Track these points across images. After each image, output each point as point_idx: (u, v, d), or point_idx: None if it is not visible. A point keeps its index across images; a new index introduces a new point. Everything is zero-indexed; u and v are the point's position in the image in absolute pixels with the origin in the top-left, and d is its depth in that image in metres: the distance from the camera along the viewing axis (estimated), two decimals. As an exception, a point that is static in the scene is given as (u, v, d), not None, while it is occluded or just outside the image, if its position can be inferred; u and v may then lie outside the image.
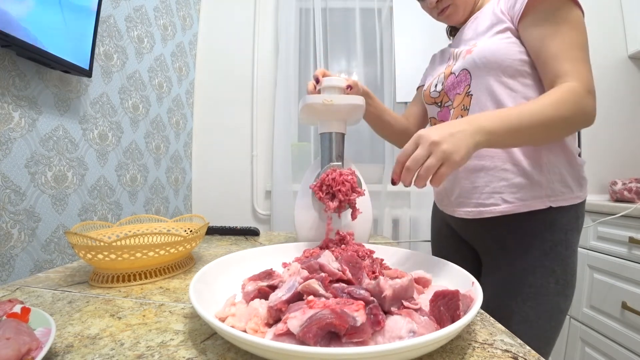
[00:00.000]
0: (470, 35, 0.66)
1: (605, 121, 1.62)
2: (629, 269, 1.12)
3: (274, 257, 0.56)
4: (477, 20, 0.65)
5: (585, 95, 0.51)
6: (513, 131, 0.48)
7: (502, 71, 0.58)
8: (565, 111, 0.50)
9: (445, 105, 0.70)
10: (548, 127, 0.50)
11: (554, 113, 0.49)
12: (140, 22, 1.32)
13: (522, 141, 0.53)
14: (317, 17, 1.75)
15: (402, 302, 0.35)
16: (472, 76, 0.62)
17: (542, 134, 0.52)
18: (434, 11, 0.71)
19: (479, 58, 0.60)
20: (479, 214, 0.64)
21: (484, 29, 0.62)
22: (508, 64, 0.58)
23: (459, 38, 0.69)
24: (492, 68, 0.59)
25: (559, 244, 0.59)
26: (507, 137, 0.49)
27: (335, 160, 0.66)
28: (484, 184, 0.63)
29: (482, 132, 0.46)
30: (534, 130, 0.50)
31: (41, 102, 0.89)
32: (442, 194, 0.74)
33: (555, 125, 0.51)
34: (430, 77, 0.78)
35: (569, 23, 0.53)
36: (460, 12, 0.68)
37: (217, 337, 0.36)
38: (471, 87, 0.62)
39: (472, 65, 0.61)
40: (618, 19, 1.63)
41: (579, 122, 0.53)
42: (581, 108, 0.51)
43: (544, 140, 0.55)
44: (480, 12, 0.65)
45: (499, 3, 0.61)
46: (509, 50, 0.58)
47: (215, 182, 1.80)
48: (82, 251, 0.51)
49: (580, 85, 0.51)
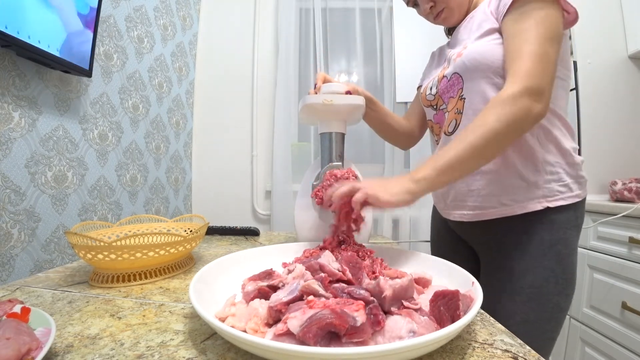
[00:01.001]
0: (464, 34, 0.66)
1: (605, 121, 1.62)
2: (629, 269, 1.12)
3: (274, 257, 0.56)
4: (472, 19, 0.65)
5: (520, 98, 0.49)
6: (447, 170, 0.51)
7: (492, 73, 0.58)
8: (495, 127, 0.49)
9: (440, 108, 0.70)
10: (480, 153, 0.51)
11: (483, 137, 0.50)
12: (140, 22, 1.32)
13: (464, 173, 0.53)
14: (317, 17, 1.75)
15: (402, 302, 0.35)
16: (464, 79, 0.62)
17: (480, 160, 0.52)
18: (429, 16, 0.71)
19: (468, 61, 0.60)
20: (475, 216, 0.64)
21: (475, 29, 0.62)
22: (498, 65, 0.57)
23: (455, 37, 0.69)
24: (483, 70, 0.59)
25: (558, 243, 0.59)
26: (442, 177, 0.51)
27: (335, 160, 0.66)
28: (479, 187, 0.63)
29: (414, 180, 0.51)
30: (468, 161, 0.51)
31: (41, 102, 0.89)
32: (438, 197, 0.74)
33: (489, 146, 0.50)
34: (427, 79, 0.78)
35: (534, 18, 0.53)
36: (456, 15, 0.68)
37: (217, 337, 0.36)
38: (464, 90, 0.62)
39: (462, 68, 0.61)
40: (618, 19, 1.63)
41: (519, 128, 0.51)
42: (516, 114, 0.49)
43: (485, 162, 0.54)
44: (476, 11, 0.65)
45: (490, 3, 0.61)
46: (498, 52, 0.57)
47: (215, 182, 1.80)
48: (82, 251, 0.51)
49: (517, 87, 0.50)
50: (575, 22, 0.58)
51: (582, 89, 1.57)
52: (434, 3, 0.67)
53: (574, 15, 0.57)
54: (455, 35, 0.70)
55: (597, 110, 1.62)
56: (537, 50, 0.51)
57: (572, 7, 0.55)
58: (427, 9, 0.69)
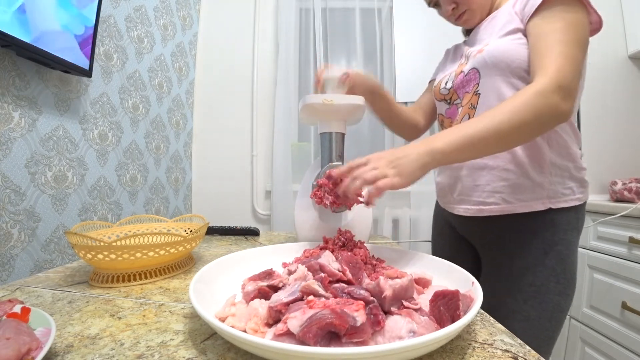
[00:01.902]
0: (485, 35, 0.66)
1: (605, 121, 1.62)
2: (629, 269, 1.12)
3: (274, 257, 0.56)
4: (494, 20, 0.65)
5: (551, 93, 0.49)
6: (466, 147, 0.49)
7: (510, 72, 0.58)
8: (524, 116, 0.48)
9: (454, 103, 0.70)
10: (504, 137, 0.49)
11: (510, 122, 0.48)
12: (140, 22, 1.32)
13: (480, 153, 0.52)
14: (317, 17, 1.75)
15: (402, 302, 0.35)
16: (481, 75, 0.62)
17: (500, 144, 0.51)
18: (451, 17, 0.70)
19: (489, 57, 0.60)
20: (478, 212, 0.64)
21: (498, 29, 0.62)
22: (517, 64, 0.58)
23: (474, 37, 0.69)
24: (501, 68, 0.59)
25: (559, 243, 0.59)
26: (459, 154, 0.50)
27: (335, 160, 0.66)
28: (485, 182, 0.63)
29: (430, 153, 0.48)
30: (489, 142, 0.49)
31: (41, 102, 0.89)
32: (444, 190, 0.74)
33: (513, 133, 0.49)
34: (441, 74, 0.78)
35: (565, 20, 0.53)
36: (477, 16, 0.68)
37: (217, 337, 0.36)
38: (479, 86, 0.62)
39: (481, 64, 0.61)
40: (618, 19, 1.63)
41: (545, 123, 0.51)
42: (544, 109, 0.49)
43: (504, 148, 0.53)
44: (498, 11, 0.65)
45: (515, 5, 0.61)
46: (519, 51, 0.58)
47: (215, 182, 1.80)
48: (82, 251, 0.51)
49: (548, 82, 0.49)
50: (598, 32, 0.58)
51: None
52: (457, 5, 0.67)
53: (597, 24, 0.57)
54: (474, 34, 0.70)
55: (597, 110, 1.62)
56: (569, 52, 0.51)
57: (598, 15, 0.55)
58: (449, 11, 0.68)
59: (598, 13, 0.55)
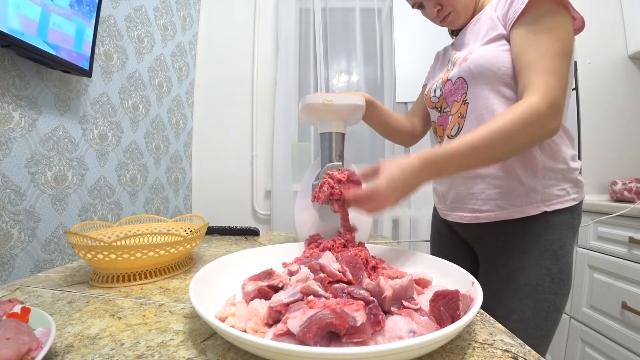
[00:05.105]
0: (471, 39, 0.66)
1: (605, 121, 1.62)
2: (629, 269, 1.12)
3: (274, 257, 0.56)
4: (478, 23, 0.65)
5: (544, 115, 0.50)
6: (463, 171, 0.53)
7: (497, 80, 0.58)
8: (516, 131, 0.50)
9: (444, 111, 0.70)
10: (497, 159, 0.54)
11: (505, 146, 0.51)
12: (140, 22, 1.32)
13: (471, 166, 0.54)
14: (317, 17, 1.75)
15: (402, 302, 0.35)
16: (468, 84, 0.62)
17: (492, 163, 0.56)
18: (435, 19, 0.70)
19: (474, 67, 0.60)
20: (474, 219, 0.65)
21: (482, 34, 0.62)
22: (503, 72, 0.58)
23: (461, 40, 0.69)
24: (488, 77, 0.59)
25: (554, 243, 0.59)
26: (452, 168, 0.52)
27: (335, 160, 0.66)
28: (479, 190, 0.63)
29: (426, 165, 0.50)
30: (484, 163, 0.54)
31: (41, 102, 0.89)
32: (439, 197, 0.75)
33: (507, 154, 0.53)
34: (431, 80, 0.78)
35: (549, 31, 0.53)
36: (462, 17, 0.68)
37: (217, 337, 0.36)
38: (467, 95, 0.63)
39: (467, 73, 0.62)
40: (618, 19, 1.63)
41: (536, 141, 0.55)
42: (536, 132, 0.51)
43: (493, 162, 0.56)
44: (481, 14, 0.65)
45: (496, 9, 0.61)
46: (504, 59, 0.58)
47: (215, 182, 1.80)
48: (82, 251, 0.51)
49: (540, 102, 0.50)
50: (582, 30, 0.58)
51: (582, 89, 1.57)
52: (441, 6, 0.67)
53: (580, 22, 0.57)
54: (460, 37, 0.70)
55: (597, 110, 1.62)
56: (556, 67, 0.52)
57: (578, 14, 0.55)
58: (434, 13, 0.68)
59: (579, 13, 0.55)
